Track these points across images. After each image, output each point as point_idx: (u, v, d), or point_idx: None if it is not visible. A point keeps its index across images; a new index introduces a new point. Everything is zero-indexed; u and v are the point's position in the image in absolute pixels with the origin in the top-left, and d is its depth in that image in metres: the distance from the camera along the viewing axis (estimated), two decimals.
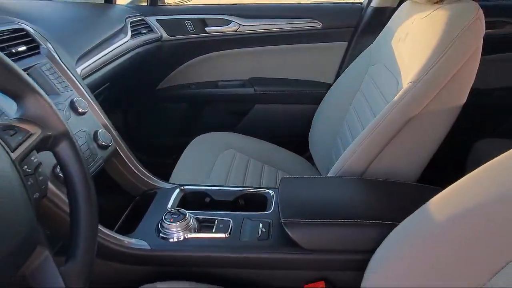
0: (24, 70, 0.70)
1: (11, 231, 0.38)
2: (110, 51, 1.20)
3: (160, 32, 1.67)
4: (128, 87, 1.63)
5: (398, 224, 0.63)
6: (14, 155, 0.41)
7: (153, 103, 1.81)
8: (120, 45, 1.28)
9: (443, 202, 0.58)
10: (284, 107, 1.77)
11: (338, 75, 1.58)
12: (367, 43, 1.34)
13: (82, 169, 0.50)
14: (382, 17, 1.50)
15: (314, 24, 1.67)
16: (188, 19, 1.70)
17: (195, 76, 1.80)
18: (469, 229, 0.53)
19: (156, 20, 1.66)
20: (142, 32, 1.52)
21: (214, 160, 1.29)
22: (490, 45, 1.56)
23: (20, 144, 0.43)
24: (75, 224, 0.47)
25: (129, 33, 1.39)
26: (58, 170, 0.65)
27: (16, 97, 0.47)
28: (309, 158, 1.47)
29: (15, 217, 0.39)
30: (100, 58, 1.12)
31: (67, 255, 0.45)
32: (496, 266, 0.50)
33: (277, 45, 1.73)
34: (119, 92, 1.45)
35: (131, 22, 1.46)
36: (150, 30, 1.60)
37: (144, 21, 1.60)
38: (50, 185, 0.64)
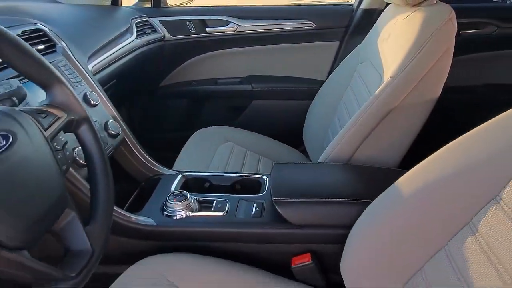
0: None
1: (46, 194, 0.46)
2: (117, 50, 1.26)
3: (163, 32, 1.71)
4: (133, 84, 1.67)
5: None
6: (46, 133, 0.49)
7: (156, 99, 1.84)
8: (126, 44, 1.34)
9: (408, 180, 0.66)
10: (280, 103, 1.80)
11: (330, 72, 1.61)
12: (357, 42, 1.39)
13: (100, 147, 0.58)
14: (370, 18, 1.54)
15: (307, 25, 1.71)
16: (189, 20, 1.74)
17: (195, 73, 1.84)
18: (429, 200, 0.61)
19: (159, 21, 1.70)
20: (146, 32, 1.57)
21: (214, 152, 1.34)
22: (474, 45, 1.64)
23: (50, 125, 0.51)
24: (95, 193, 0.55)
25: (135, 33, 1.44)
26: (75, 154, 0.73)
27: (45, 86, 0.56)
28: (304, 152, 1.51)
29: (49, 183, 0.47)
30: (108, 56, 1.18)
31: (89, 218, 0.54)
32: (453, 229, 0.58)
33: (273, 45, 1.77)
34: (124, 88, 1.50)
35: (136, 23, 1.51)
36: (154, 30, 1.65)
37: (148, 22, 1.65)
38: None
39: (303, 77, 1.79)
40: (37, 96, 0.72)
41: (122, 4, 1.68)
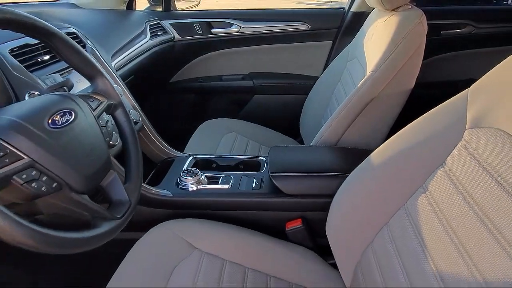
0: None
1: (97, 157, 0.60)
2: (135, 50, 1.38)
3: (173, 33, 1.79)
4: (147, 80, 1.72)
5: None
6: (94, 113, 0.64)
7: (167, 94, 1.91)
8: (142, 44, 1.45)
9: (375, 154, 0.79)
10: (278, 97, 1.88)
11: (324, 69, 1.67)
12: (347, 42, 1.48)
13: (131, 126, 0.72)
14: (359, 20, 1.60)
15: (303, 26, 1.79)
16: (196, 23, 1.82)
17: (202, 71, 1.91)
18: (391, 168, 0.75)
19: (169, 23, 1.79)
20: (158, 33, 1.66)
21: (219, 141, 1.44)
22: (454, 44, 1.74)
23: (96, 107, 0.65)
24: (128, 160, 0.70)
25: (148, 35, 1.55)
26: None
27: (90, 78, 0.70)
28: (301, 143, 1.59)
29: (99, 149, 0.61)
30: (127, 55, 1.30)
31: (125, 179, 0.68)
32: (411, 190, 0.71)
33: (272, 44, 1.84)
34: (140, 83, 1.60)
35: (150, 25, 1.61)
36: (165, 32, 1.74)
37: (160, 24, 1.74)
38: None
39: (299, 73, 1.87)
40: (75, 87, 0.86)
41: (136, 8, 1.78)
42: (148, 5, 1.92)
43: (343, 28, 1.76)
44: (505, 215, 0.50)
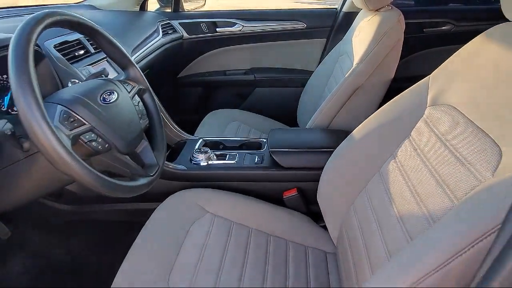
0: (104, 58, 1.07)
1: (134, 129, 0.75)
2: (149, 46, 1.50)
3: (182, 32, 1.91)
4: (159, 74, 1.77)
5: None
6: (129, 95, 0.78)
7: (176, 87, 2.02)
8: (155, 42, 1.58)
9: (356, 131, 0.93)
10: (278, 90, 1.99)
11: (318, 64, 1.74)
12: (340, 39, 1.60)
13: (156, 108, 0.87)
14: (349, 19, 1.67)
15: (300, 25, 1.91)
16: (203, 22, 1.93)
17: (208, 66, 2.02)
18: (368, 141, 0.89)
19: (178, 23, 1.91)
20: (169, 32, 1.78)
21: (224, 129, 1.57)
22: (435, 40, 1.87)
23: (130, 90, 0.80)
24: (154, 133, 0.84)
25: (160, 33, 1.67)
26: None
27: (123, 68, 0.85)
28: None
29: (134, 122, 0.76)
30: (144, 51, 1.43)
31: (153, 148, 0.83)
32: (384, 158, 0.86)
33: (271, 42, 1.96)
34: (154, 77, 1.70)
35: (161, 25, 1.74)
36: (175, 31, 1.86)
37: (170, 24, 1.86)
38: None
39: (296, 68, 1.99)
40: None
41: (148, 9, 1.91)
42: (159, 6, 2.04)
43: (336, 26, 1.87)
44: (450, 171, 0.64)
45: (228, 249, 0.92)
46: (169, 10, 2.00)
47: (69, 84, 0.86)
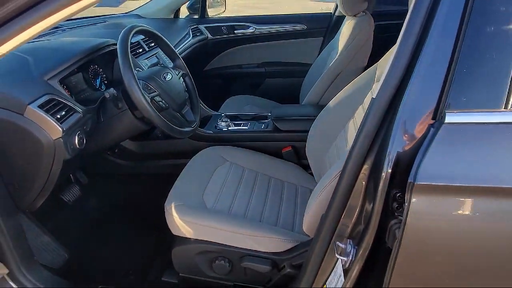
0: (154, 54, 1.44)
1: (182, 98, 1.13)
2: (183, 46, 1.87)
3: (207, 34, 2.24)
4: (188, 68, 2.15)
5: None
6: (177, 76, 1.16)
7: (201, 79, 2.29)
8: (187, 42, 1.95)
9: (332, 101, 1.27)
10: (284, 80, 2.30)
11: (316, 58, 1.99)
12: (333, 38, 1.85)
13: (193, 86, 1.24)
14: (341, 22, 1.86)
15: (301, 27, 2.22)
16: (223, 26, 2.25)
17: (227, 61, 2.34)
18: (339, 107, 1.23)
19: (204, 27, 2.24)
20: (197, 34, 2.13)
21: (241, 110, 1.89)
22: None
23: (178, 73, 1.17)
24: (193, 103, 1.22)
25: (191, 35, 2.03)
26: None
27: (172, 59, 1.22)
28: None
29: (183, 94, 1.13)
30: (179, 50, 1.80)
31: (192, 111, 1.20)
32: (349, 116, 1.20)
33: (279, 40, 2.27)
34: None
35: (191, 29, 2.09)
36: (201, 33, 2.20)
37: (198, 28, 2.20)
38: None
39: (299, 62, 2.29)
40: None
41: (180, 17, 2.28)
42: (188, 13, 2.39)
43: (330, 27, 2.18)
44: None
45: (241, 184, 1.27)
46: (197, 16, 2.33)
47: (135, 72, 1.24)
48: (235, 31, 2.29)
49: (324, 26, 2.22)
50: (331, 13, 2.25)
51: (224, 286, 1.15)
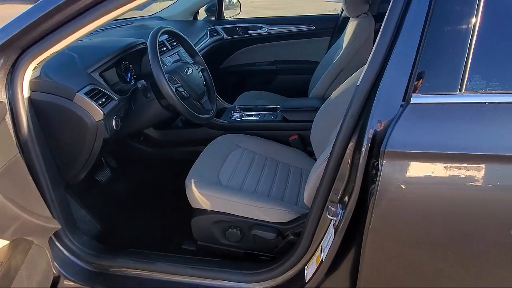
0: (176, 52, 1.60)
1: (201, 89, 1.28)
2: (202, 45, 2.03)
3: (223, 34, 2.39)
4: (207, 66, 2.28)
5: None
6: (197, 71, 1.31)
7: (217, 76, 2.35)
8: (205, 42, 2.10)
9: (332, 95, 1.41)
10: (293, 77, 2.42)
11: (323, 56, 2.14)
12: (339, 37, 1.96)
13: (211, 80, 1.40)
14: (346, 22, 1.92)
15: (310, 27, 2.35)
16: (238, 27, 2.40)
17: (242, 59, 2.48)
18: (336, 100, 1.37)
19: (220, 28, 2.39)
20: (214, 35, 2.28)
21: (254, 103, 2.06)
22: None
23: (198, 68, 1.33)
24: (210, 94, 1.37)
25: (208, 36, 2.18)
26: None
27: (192, 56, 1.38)
28: None
29: (201, 85, 1.29)
30: (198, 48, 1.96)
31: (210, 101, 1.35)
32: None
33: (289, 40, 2.39)
34: None
35: (209, 30, 2.25)
36: (218, 33, 2.35)
37: (215, 29, 2.35)
38: None
39: (308, 60, 2.40)
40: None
41: (199, 18, 2.44)
42: (206, 15, 2.55)
43: (337, 27, 2.30)
44: None
45: (252, 166, 1.42)
46: (214, 18, 2.49)
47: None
48: (249, 32, 2.43)
49: (331, 27, 2.35)
50: (338, 14, 2.37)
51: (236, 253, 1.29)
